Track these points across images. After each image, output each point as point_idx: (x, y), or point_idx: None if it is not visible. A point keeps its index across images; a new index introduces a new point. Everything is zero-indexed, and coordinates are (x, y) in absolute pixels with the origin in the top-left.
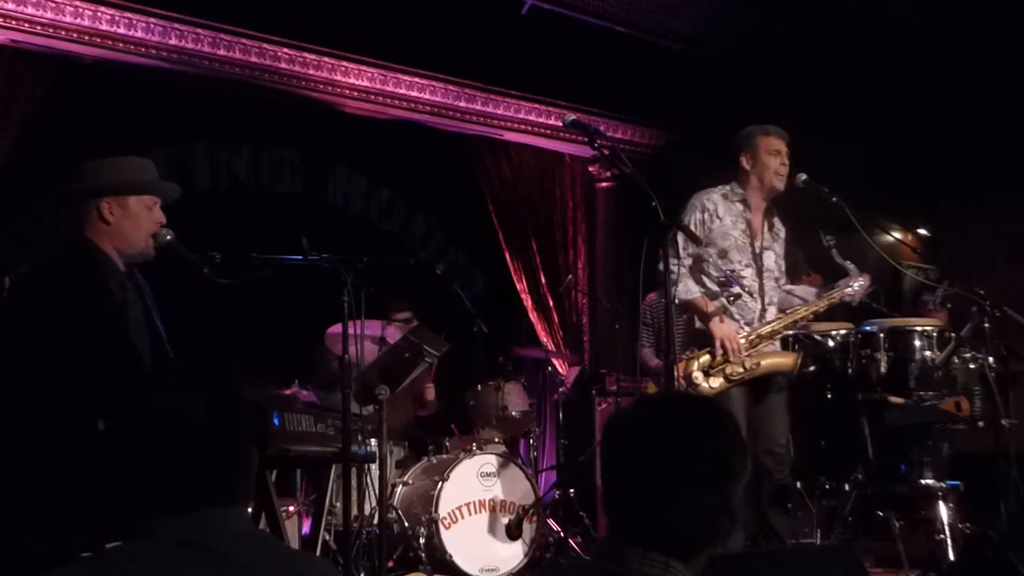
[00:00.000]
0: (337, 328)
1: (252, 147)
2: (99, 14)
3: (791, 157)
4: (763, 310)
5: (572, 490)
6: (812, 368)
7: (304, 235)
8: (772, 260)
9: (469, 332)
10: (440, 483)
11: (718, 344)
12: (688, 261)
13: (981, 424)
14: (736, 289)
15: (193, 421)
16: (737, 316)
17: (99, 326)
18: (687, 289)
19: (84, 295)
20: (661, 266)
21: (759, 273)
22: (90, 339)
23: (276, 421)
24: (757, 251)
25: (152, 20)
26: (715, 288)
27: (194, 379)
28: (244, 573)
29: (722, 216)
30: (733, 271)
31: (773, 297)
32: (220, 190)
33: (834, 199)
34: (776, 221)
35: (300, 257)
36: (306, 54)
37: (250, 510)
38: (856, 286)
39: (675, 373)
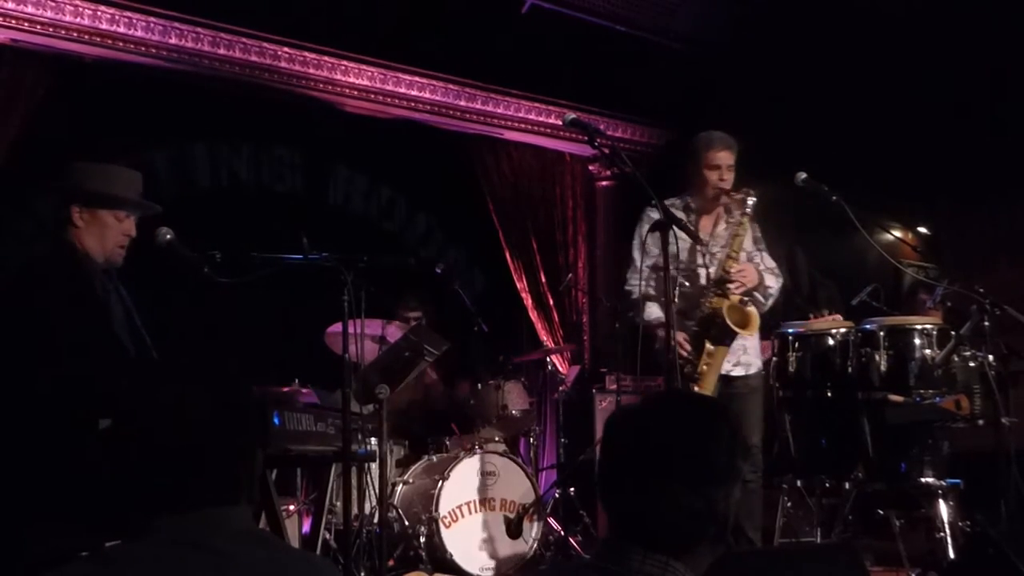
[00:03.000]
0: (337, 327)
1: (252, 146)
2: (99, 13)
3: (787, 155)
4: None
5: (572, 489)
6: (794, 357)
7: (304, 234)
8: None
9: (469, 331)
10: (440, 482)
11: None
12: (645, 272)
13: (981, 422)
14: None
15: (197, 419)
16: (688, 308)
17: (90, 324)
18: (650, 312)
19: (72, 293)
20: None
21: (708, 275)
22: (83, 337)
23: (276, 420)
24: (708, 253)
25: (152, 19)
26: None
27: (197, 376)
28: (246, 573)
29: None
30: (681, 271)
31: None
32: (220, 189)
33: (834, 197)
34: (739, 215)
35: (300, 256)
36: (306, 53)
37: (252, 512)
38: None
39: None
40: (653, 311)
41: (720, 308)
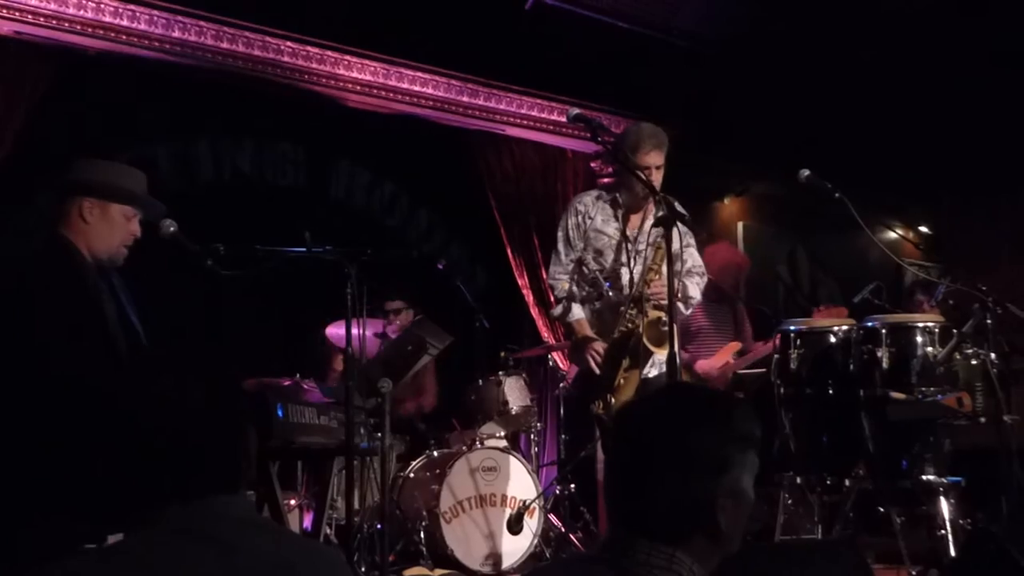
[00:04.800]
0: (336, 328)
1: (255, 141)
2: (102, 6)
3: (790, 153)
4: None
5: (573, 485)
6: (796, 354)
7: (307, 229)
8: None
9: (471, 327)
10: (441, 477)
11: (588, 359)
12: (571, 267)
13: (983, 420)
14: (605, 290)
15: (191, 408)
16: (608, 319)
17: (82, 320)
18: (575, 313)
19: (64, 289)
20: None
21: (632, 277)
22: (75, 333)
23: (280, 412)
24: (636, 249)
25: (155, 12)
26: (585, 292)
27: (191, 366)
28: (250, 561)
29: (594, 216)
30: (602, 270)
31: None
32: (223, 183)
33: (837, 195)
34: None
35: (303, 249)
36: (309, 48)
37: (253, 501)
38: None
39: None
40: (577, 312)
41: (637, 327)
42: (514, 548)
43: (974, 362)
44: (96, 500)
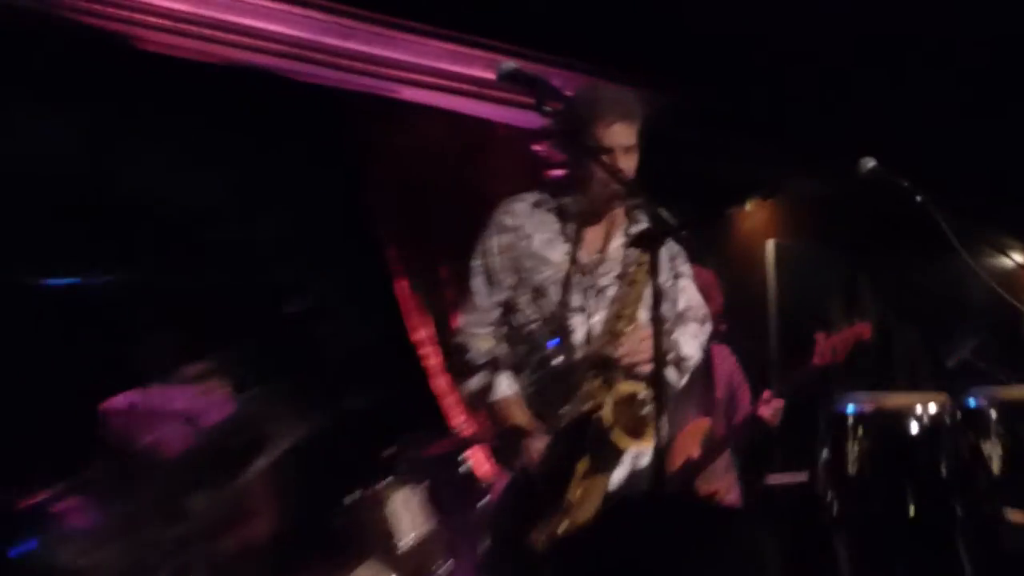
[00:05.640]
0: (120, 401)
1: (2, 105)
2: None
3: (853, 138)
4: None
5: None
6: (856, 449)
7: (82, 244)
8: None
9: (338, 407)
10: None
11: (524, 460)
12: (494, 315)
13: None
14: (549, 350)
15: None
16: (553, 396)
17: None
18: (497, 387)
19: None
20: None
21: (589, 330)
22: None
23: (25, 549)
24: (596, 285)
25: None
26: (518, 355)
27: None
28: None
29: (530, 233)
30: (544, 319)
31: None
32: None
33: (918, 198)
34: (636, 253)
35: (72, 280)
36: None
37: None
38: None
39: None
40: (504, 387)
41: (604, 411)
42: None
43: None
44: None
